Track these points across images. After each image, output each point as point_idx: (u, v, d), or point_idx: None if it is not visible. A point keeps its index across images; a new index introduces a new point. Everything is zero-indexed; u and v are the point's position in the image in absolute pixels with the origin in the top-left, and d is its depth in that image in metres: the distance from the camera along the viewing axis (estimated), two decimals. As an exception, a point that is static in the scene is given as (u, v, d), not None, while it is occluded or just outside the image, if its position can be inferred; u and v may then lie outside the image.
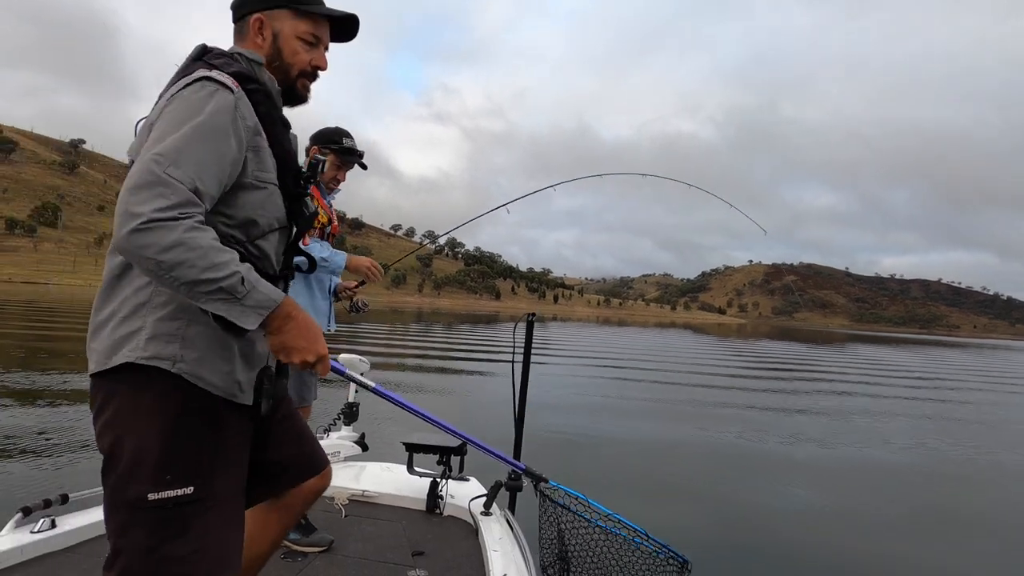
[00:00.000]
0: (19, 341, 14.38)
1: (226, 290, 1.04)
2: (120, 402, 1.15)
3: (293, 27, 1.30)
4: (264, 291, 1.09)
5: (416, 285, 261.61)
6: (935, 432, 8.88)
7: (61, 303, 35.08)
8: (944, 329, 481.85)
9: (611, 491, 4.98)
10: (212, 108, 1.13)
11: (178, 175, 1.04)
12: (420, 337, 24.01)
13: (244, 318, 1.07)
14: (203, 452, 1.17)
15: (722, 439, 7.30)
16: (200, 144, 1.09)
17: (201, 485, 1.15)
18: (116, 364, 1.14)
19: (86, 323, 1.17)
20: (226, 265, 1.04)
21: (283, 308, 1.12)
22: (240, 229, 1.22)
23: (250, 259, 1.21)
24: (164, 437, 1.13)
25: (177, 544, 1.13)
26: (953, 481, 6.13)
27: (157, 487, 1.11)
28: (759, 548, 3.96)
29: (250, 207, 1.22)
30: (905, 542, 4.26)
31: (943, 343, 75.55)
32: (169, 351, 1.14)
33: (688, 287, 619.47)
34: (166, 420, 1.14)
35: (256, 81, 1.24)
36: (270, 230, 1.27)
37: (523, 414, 2.73)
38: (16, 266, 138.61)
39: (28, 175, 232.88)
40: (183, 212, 1.03)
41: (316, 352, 1.17)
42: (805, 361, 23.48)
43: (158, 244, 0.99)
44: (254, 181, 1.21)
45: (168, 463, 1.12)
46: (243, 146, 1.18)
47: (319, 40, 1.34)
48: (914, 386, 15.94)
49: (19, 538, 2.04)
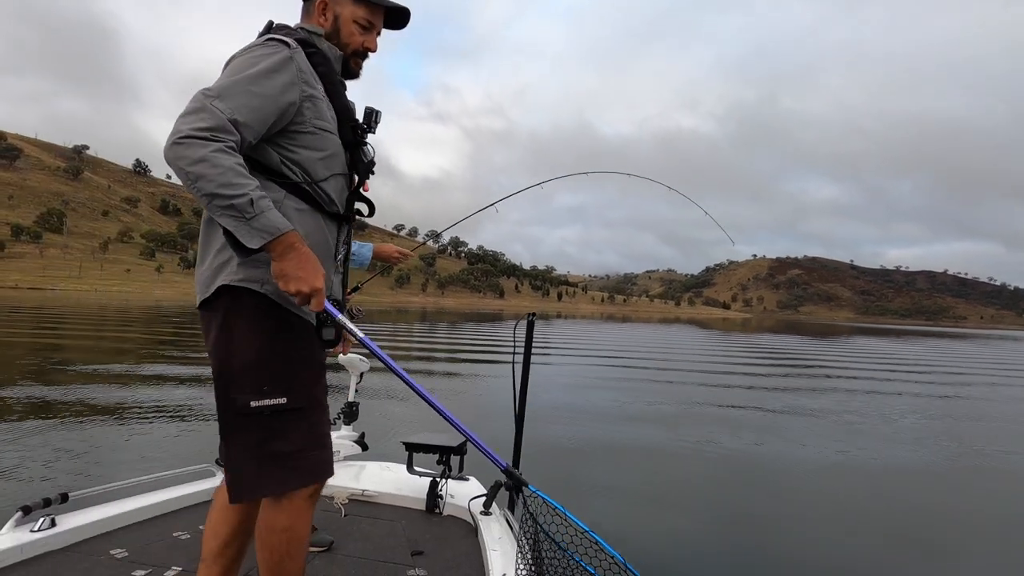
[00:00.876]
0: (29, 348, 14.47)
1: (237, 208, 1.17)
2: (223, 323, 1.34)
3: (352, 12, 1.48)
4: (271, 218, 1.21)
5: (420, 285, 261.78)
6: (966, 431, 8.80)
7: (67, 307, 35.29)
8: (951, 320, 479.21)
9: (616, 494, 4.97)
10: (267, 59, 1.31)
11: (220, 106, 1.22)
12: (424, 336, 24.03)
13: (249, 237, 1.20)
14: (294, 365, 1.35)
15: (737, 440, 7.26)
16: (248, 86, 1.26)
17: (294, 396, 1.34)
18: (215, 289, 1.32)
19: (91, 327, 1.34)
20: (240, 186, 1.17)
21: (287, 237, 1.23)
22: (302, 169, 1.39)
23: (315, 198, 1.40)
24: (260, 352, 1.32)
25: (280, 444, 1.33)
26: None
27: (258, 396, 1.30)
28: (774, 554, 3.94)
29: (310, 150, 1.39)
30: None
31: (951, 335, 75.06)
32: (256, 274, 1.32)
33: (692, 282, 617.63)
34: (262, 337, 1.32)
35: (315, 47, 1.44)
36: (331, 175, 1.43)
37: (523, 413, 2.73)
38: (22, 272, 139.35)
39: (33, 181, 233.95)
40: (215, 135, 1.19)
41: (310, 284, 1.24)
42: (818, 356, 23.38)
43: (188, 157, 1.16)
44: (312, 128, 1.39)
45: (264, 375, 1.31)
46: (297, 93, 1.34)
47: (373, 26, 1.52)
48: (932, 381, 15.83)
49: (19, 537, 2.05)
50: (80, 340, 15.84)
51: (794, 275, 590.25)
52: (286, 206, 1.37)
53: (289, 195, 1.38)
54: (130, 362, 11.39)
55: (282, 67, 1.32)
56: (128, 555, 2.12)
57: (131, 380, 9.12)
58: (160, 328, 21.95)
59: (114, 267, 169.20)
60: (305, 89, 1.37)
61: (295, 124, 1.37)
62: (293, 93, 1.34)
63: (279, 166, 1.37)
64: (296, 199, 1.39)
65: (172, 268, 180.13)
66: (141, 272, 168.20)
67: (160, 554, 2.15)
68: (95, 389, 8.23)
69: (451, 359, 15.21)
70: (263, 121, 1.29)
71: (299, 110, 1.37)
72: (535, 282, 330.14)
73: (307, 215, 1.41)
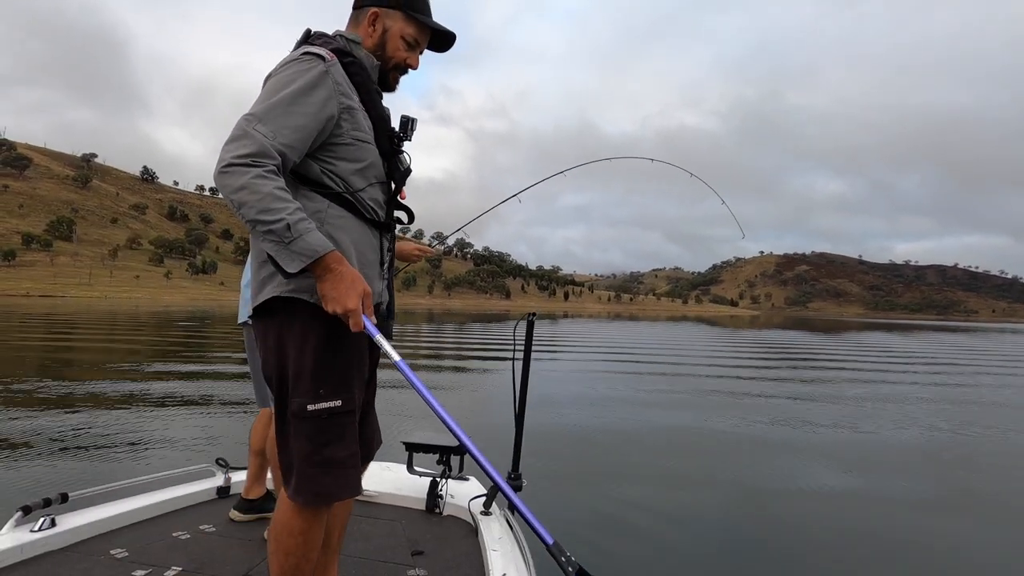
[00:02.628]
0: (40, 351, 14.60)
1: (275, 233, 1.20)
2: (276, 332, 1.38)
3: (401, 28, 1.50)
4: (310, 241, 1.23)
5: (426, 287, 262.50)
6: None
7: (78, 314, 35.62)
8: (962, 315, 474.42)
9: (632, 480, 4.94)
10: (304, 76, 1.33)
11: (262, 130, 1.25)
12: (432, 337, 24.07)
13: (289, 261, 1.23)
14: (349, 369, 1.39)
15: (752, 430, 7.21)
16: (287, 107, 1.29)
17: (348, 398, 1.38)
18: (265, 299, 1.37)
19: (100, 332, 1.33)
20: (278, 211, 1.20)
21: (325, 260, 1.25)
22: (342, 180, 1.42)
23: (357, 207, 1.43)
24: (316, 357, 1.35)
25: (336, 448, 1.37)
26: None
27: (315, 400, 1.34)
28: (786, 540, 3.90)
29: (348, 161, 1.42)
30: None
31: (964, 329, 74.39)
32: (307, 284, 1.33)
33: (699, 280, 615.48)
34: (316, 343, 1.35)
35: (352, 56, 1.45)
36: (369, 184, 1.46)
37: (523, 413, 2.71)
38: (33, 280, 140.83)
39: (42, 190, 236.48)
40: (256, 160, 1.22)
41: (343, 305, 1.26)
42: (838, 352, 23.20)
43: (231, 185, 1.21)
44: (350, 140, 1.41)
45: (320, 379, 1.35)
46: (335, 107, 1.37)
47: (418, 44, 1.54)
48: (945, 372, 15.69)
49: (19, 537, 2.05)
50: (90, 344, 15.97)
51: (802, 271, 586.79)
52: (329, 215, 1.40)
53: (332, 204, 1.41)
54: (137, 362, 11.47)
55: (319, 82, 1.34)
56: (128, 555, 2.12)
57: (138, 377, 9.18)
58: (168, 332, 22.11)
59: (123, 273, 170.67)
60: (343, 101, 1.39)
61: (334, 136, 1.40)
62: (331, 107, 1.36)
63: (320, 176, 1.40)
64: (339, 208, 1.41)
65: (180, 274, 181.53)
66: (150, 278, 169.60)
67: (160, 554, 2.15)
68: (100, 389, 8.29)
69: (458, 357, 15.23)
70: (305, 140, 1.32)
71: (337, 122, 1.39)
72: (541, 282, 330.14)
73: (352, 222, 1.43)
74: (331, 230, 1.39)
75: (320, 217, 1.38)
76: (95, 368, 11.18)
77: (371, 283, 1.48)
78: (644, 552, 3.55)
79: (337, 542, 1.68)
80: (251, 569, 2.08)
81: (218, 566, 2.09)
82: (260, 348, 1.44)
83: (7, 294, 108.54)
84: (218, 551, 2.21)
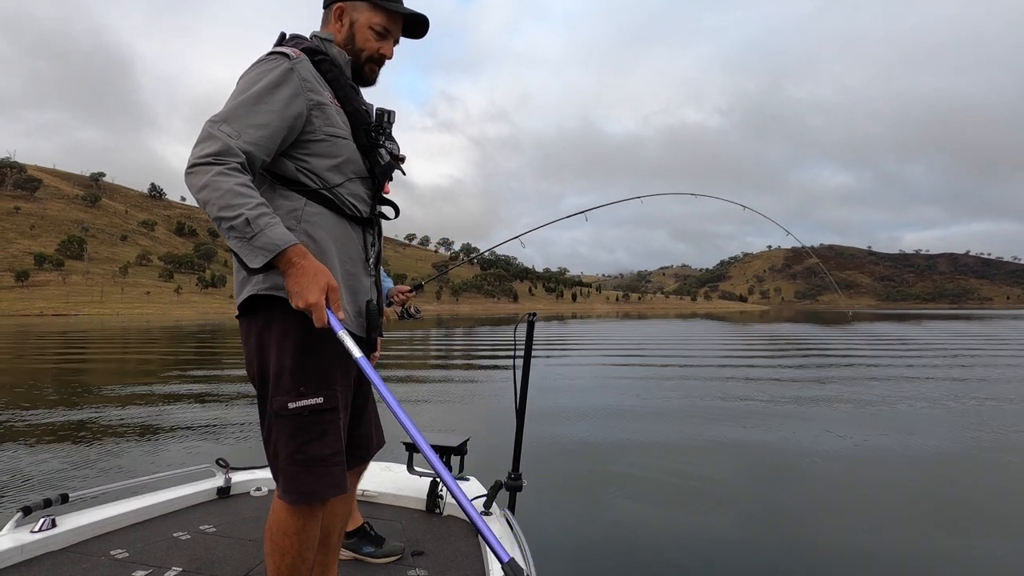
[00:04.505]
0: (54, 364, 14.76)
1: (236, 229, 1.20)
2: (257, 330, 1.38)
3: (368, 18, 1.48)
4: (271, 235, 1.21)
5: (434, 292, 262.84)
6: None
7: (91, 330, 35.99)
8: (975, 302, 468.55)
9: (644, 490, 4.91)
10: (269, 75, 1.34)
11: (225, 129, 1.26)
12: (439, 342, 24.09)
13: (252, 257, 1.22)
14: (329, 367, 1.37)
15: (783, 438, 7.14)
16: (251, 106, 1.30)
17: (329, 396, 1.36)
18: (244, 298, 1.37)
19: (115, 346, 1.29)
20: (237, 207, 1.19)
21: (287, 254, 1.23)
22: (319, 177, 1.40)
23: (337, 203, 1.42)
24: (295, 355, 1.34)
25: (319, 446, 1.35)
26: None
27: (295, 398, 1.33)
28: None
29: (323, 157, 1.40)
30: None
31: (979, 316, 73.30)
32: (281, 281, 1.32)
33: (707, 276, 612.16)
34: (295, 340, 1.35)
35: (323, 53, 1.46)
36: (347, 179, 1.44)
37: (524, 413, 2.70)
38: (46, 299, 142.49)
39: (53, 211, 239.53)
40: (218, 159, 1.22)
41: (305, 299, 1.23)
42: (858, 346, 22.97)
43: (195, 185, 1.22)
44: (323, 136, 1.40)
45: (300, 377, 1.34)
46: (303, 104, 1.36)
47: (389, 33, 1.51)
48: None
49: (19, 537, 2.06)
50: (103, 358, 16.11)
51: (811, 264, 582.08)
52: (307, 212, 1.39)
53: (309, 202, 1.40)
54: (145, 374, 11.56)
55: (284, 80, 1.34)
56: (128, 555, 2.13)
57: (148, 384, 9.24)
58: (177, 346, 22.27)
59: (134, 290, 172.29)
60: (312, 98, 1.38)
61: (306, 134, 1.39)
62: (299, 104, 1.36)
63: (296, 175, 1.40)
64: (317, 205, 1.40)
65: (190, 288, 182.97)
66: (160, 293, 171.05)
67: (160, 554, 2.16)
68: (107, 396, 8.35)
69: (467, 356, 15.23)
70: (272, 137, 1.32)
71: (308, 119, 1.38)
72: (548, 284, 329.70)
73: (330, 219, 1.42)
74: (308, 228, 1.38)
75: (297, 215, 1.38)
76: (109, 375, 11.28)
77: (358, 280, 1.46)
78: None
79: (336, 542, 1.67)
80: (251, 569, 2.08)
81: (218, 566, 2.09)
82: (244, 348, 1.43)
83: (22, 314, 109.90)
84: (218, 551, 2.21)
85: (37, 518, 2.15)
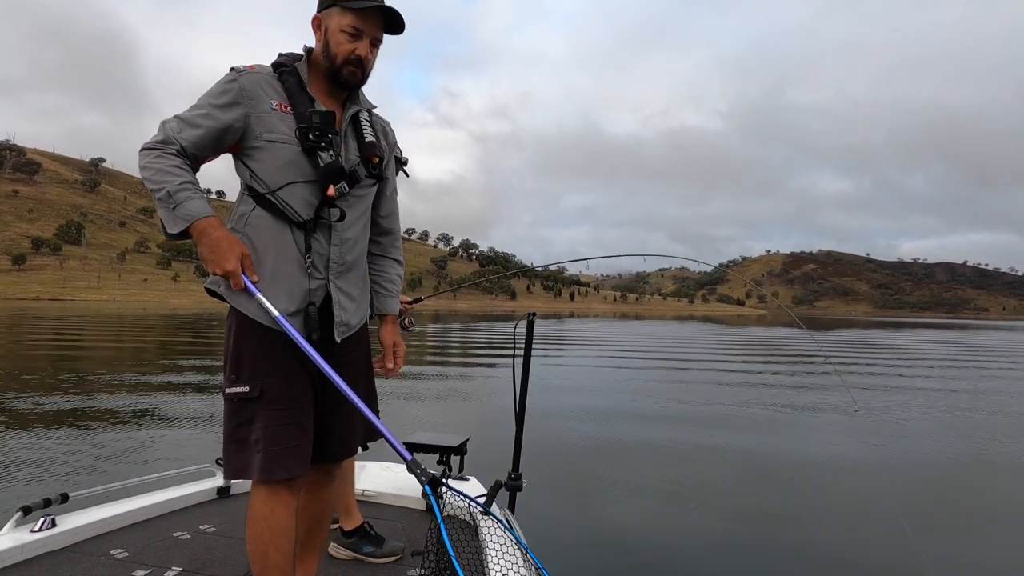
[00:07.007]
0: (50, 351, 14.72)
1: (161, 200, 1.41)
2: (229, 319, 1.57)
3: (338, 22, 1.53)
4: (188, 208, 1.41)
5: (432, 288, 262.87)
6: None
7: (87, 316, 35.87)
8: (972, 312, 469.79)
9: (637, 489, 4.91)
10: (217, 87, 1.52)
11: (172, 124, 1.48)
12: (435, 338, 24.07)
13: (172, 224, 1.42)
14: (258, 361, 1.50)
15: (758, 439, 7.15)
16: (196, 109, 1.50)
17: (255, 386, 1.48)
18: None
19: (111, 333, 1.36)
20: (164, 183, 1.41)
21: (198, 225, 1.42)
22: (263, 181, 1.52)
23: (277, 206, 1.52)
24: (233, 344, 1.53)
25: (246, 430, 1.49)
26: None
27: (230, 384, 1.50)
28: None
29: (263, 163, 1.52)
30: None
31: (975, 327, 73.47)
32: (217, 278, 1.50)
33: (705, 279, 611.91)
34: (235, 331, 1.53)
35: (285, 66, 1.59)
36: (288, 183, 1.52)
37: (523, 413, 2.70)
38: (43, 284, 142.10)
39: (51, 195, 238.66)
40: (159, 145, 1.46)
41: (220, 266, 1.43)
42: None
43: (140, 163, 1.45)
44: (262, 142, 1.52)
45: (234, 366, 1.51)
46: (238, 112, 1.51)
47: (361, 32, 1.54)
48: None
49: (19, 537, 2.05)
50: (97, 344, 16.07)
51: (809, 270, 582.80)
52: (252, 216, 1.52)
53: (256, 206, 1.52)
54: (141, 363, 11.54)
55: (223, 91, 1.50)
56: (128, 555, 2.12)
57: (141, 375, 9.23)
58: (172, 334, 22.21)
59: (131, 277, 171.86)
60: (253, 106, 1.51)
61: (250, 140, 1.52)
62: (234, 113, 1.50)
63: (249, 180, 1.53)
64: (261, 209, 1.52)
65: (188, 277, 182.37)
66: (158, 281, 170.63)
67: (160, 554, 2.15)
68: (103, 391, 8.34)
69: (464, 354, 15.23)
70: (204, 138, 1.49)
71: (248, 127, 1.51)
72: (547, 283, 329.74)
73: (270, 223, 1.52)
74: (249, 231, 1.51)
75: (244, 219, 1.52)
76: (103, 363, 11.25)
77: (292, 280, 1.52)
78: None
79: (311, 538, 1.70)
80: (251, 569, 2.07)
81: (218, 566, 2.09)
82: None
83: (18, 298, 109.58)
84: (218, 551, 2.21)
85: (37, 518, 2.14)
